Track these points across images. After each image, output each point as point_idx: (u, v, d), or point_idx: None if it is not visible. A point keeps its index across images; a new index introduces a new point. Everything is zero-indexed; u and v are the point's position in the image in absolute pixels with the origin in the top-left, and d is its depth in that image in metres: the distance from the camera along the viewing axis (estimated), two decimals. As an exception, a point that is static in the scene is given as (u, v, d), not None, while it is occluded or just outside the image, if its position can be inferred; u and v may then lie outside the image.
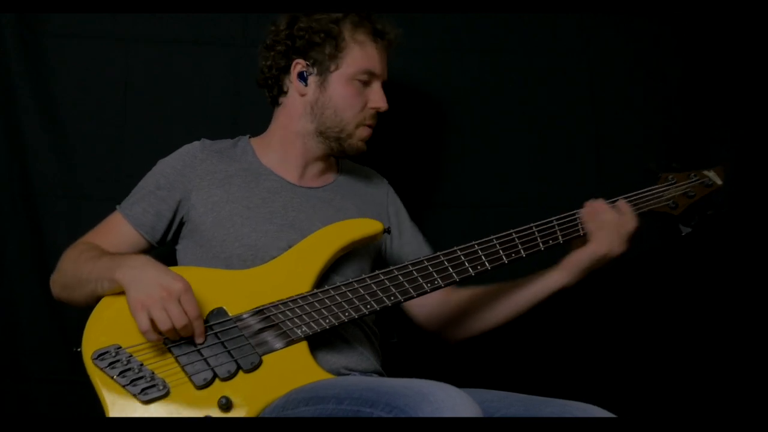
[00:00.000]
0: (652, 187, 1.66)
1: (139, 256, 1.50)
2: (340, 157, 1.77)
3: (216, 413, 1.35)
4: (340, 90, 1.66)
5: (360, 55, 1.66)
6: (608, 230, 1.58)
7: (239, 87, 2.02)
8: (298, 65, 1.68)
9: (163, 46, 2.03)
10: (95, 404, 1.37)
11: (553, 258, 1.62)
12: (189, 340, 1.41)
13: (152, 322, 1.37)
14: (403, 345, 1.88)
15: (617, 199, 1.62)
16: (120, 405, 1.34)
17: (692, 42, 2.12)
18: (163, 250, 1.68)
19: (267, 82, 1.72)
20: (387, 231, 1.66)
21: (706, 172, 1.69)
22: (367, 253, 1.69)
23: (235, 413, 1.36)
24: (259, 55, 1.74)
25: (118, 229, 1.65)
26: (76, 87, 2.00)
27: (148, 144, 1.96)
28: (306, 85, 1.68)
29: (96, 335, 1.41)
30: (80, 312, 1.47)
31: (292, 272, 1.55)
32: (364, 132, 1.70)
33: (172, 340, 1.40)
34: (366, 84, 1.68)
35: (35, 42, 1.98)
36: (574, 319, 2.07)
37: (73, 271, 1.56)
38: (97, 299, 1.47)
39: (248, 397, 1.38)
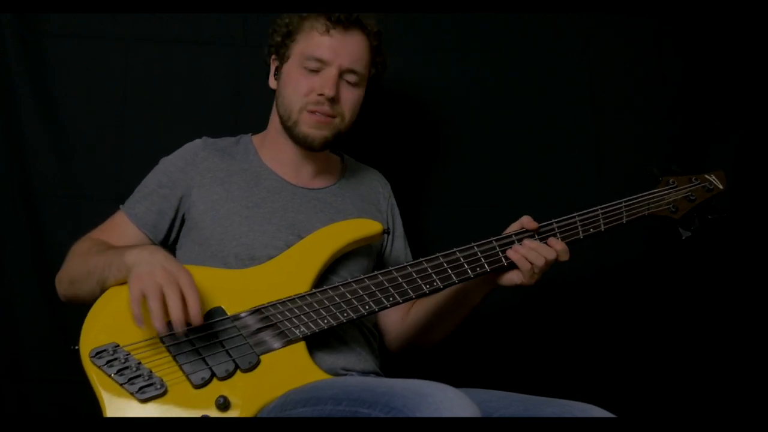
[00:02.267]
0: (653, 191, 1.65)
1: (151, 245, 1.54)
2: (308, 150, 1.69)
3: (213, 413, 1.35)
4: (289, 78, 1.67)
5: (306, 42, 1.65)
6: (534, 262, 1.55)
7: (239, 87, 2.02)
8: (274, 63, 1.71)
9: (163, 46, 2.03)
10: (95, 404, 1.36)
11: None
12: (187, 340, 1.40)
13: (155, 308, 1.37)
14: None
15: (547, 236, 1.58)
16: (117, 403, 1.34)
17: (692, 42, 2.11)
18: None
19: None
20: (386, 232, 1.66)
21: (707, 176, 1.67)
22: (366, 254, 1.69)
23: (233, 413, 1.36)
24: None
25: (122, 229, 1.66)
26: (76, 87, 2.00)
27: (148, 144, 1.96)
28: (277, 79, 1.71)
29: (94, 333, 1.41)
30: (80, 311, 1.47)
31: (291, 272, 1.55)
32: (309, 118, 1.64)
33: (171, 340, 1.40)
34: (316, 71, 1.64)
35: (35, 42, 1.98)
36: (573, 319, 2.06)
37: (82, 261, 1.56)
38: (103, 292, 1.47)
39: (246, 396, 1.38)
